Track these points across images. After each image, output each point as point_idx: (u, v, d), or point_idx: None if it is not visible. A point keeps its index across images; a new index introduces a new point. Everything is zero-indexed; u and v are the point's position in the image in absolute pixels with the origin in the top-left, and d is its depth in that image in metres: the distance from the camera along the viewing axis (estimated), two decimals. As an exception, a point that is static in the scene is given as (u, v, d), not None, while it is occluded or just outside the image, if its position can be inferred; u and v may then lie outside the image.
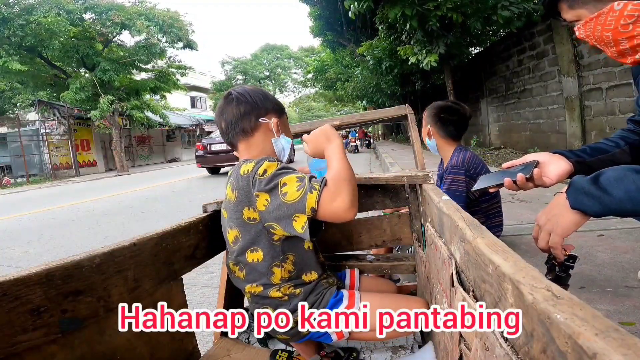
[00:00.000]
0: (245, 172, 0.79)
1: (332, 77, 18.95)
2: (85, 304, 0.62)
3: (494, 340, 0.41)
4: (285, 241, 0.83)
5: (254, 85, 1.05)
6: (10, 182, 12.69)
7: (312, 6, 15.57)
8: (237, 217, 0.82)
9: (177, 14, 14.73)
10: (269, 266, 0.83)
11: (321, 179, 0.75)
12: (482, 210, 1.58)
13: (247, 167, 0.80)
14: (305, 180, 0.74)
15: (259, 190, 0.76)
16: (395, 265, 1.16)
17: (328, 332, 0.85)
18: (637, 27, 0.88)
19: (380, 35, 8.25)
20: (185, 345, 0.88)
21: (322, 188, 0.72)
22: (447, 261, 0.63)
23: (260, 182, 0.76)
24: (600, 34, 0.93)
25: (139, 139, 20.57)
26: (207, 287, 2.07)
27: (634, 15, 0.87)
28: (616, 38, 0.91)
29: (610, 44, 0.94)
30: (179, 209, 4.98)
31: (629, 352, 0.24)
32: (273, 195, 0.74)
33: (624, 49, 0.92)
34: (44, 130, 14.74)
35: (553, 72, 5.36)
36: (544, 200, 2.78)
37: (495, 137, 7.79)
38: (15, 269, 0.95)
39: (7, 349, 0.51)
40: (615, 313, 1.12)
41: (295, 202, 0.72)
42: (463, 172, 1.50)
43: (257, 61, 34.82)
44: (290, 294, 0.85)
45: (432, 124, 1.61)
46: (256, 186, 0.76)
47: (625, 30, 0.89)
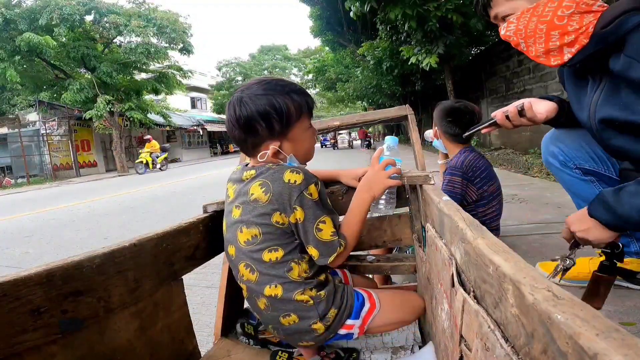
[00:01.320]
0: (292, 182, 0.77)
1: (332, 77, 18.96)
2: (86, 305, 0.62)
3: (495, 340, 0.41)
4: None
5: (260, 80, 0.93)
6: (10, 183, 12.71)
7: (313, 6, 15.59)
8: (262, 218, 0.79)
9: (176, 16, 14.75)
10: (287, 263, 0.80)
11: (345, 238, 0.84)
12: (479, 215, 1.55)
13: (294, 177, 0.77)
14: (336, 229, 0.82)
15: (301, 205, 0.77)
16: (396, 266, 1.16)
17: (352, 332, 0.86)
18: (571, 21, 0.87)
19: (381, 36, 8.25)
20: (185, 346, 0.88)
21: (344, 250, 0.83)
22: (448, 262, 0.63)
23: (307, 201, 0.77)
24: (534, 27, 0.91)
25: (139, 140, 20.58)
26: (208, 287, 2.07)
27: (571, 5, 0.85)
28: (549, 32, 0.90)
29: (539, 40, 0.92)
30: (179, 209, 4.98)
31: (629, 353, 0.24)
32: (308, 222, 0.78)
33: (552, 47, 0.91)
34: (45, 131, 14.75)
35: (553, 72, 5.36)
36: (544, 200, 2.78)
37: (495, 137, 7.79)
38: (15, 270, 0.95)
39: (8, 349, 0.52)
40: (616, 313, 1.12)
41: (324, 242, 0.80)
42: (460, 174, 1.49)
43: (256, 62, 34.86)
44: (315, 297, 0.81)
45: (438, 125, 1.61)
46: (299, 201, 0.76)
47: (561, 22, 0.88)
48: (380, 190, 0.91)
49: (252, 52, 38.32)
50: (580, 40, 0.88)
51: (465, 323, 0.53)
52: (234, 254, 0.85)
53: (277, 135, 0.82)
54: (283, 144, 0.83)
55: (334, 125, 1.28)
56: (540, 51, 0.94)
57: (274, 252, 0.80)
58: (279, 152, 0.83)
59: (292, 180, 0.76)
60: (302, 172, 0.78)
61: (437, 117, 1.61)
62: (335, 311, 0.83)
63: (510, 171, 4.84)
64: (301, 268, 0.81)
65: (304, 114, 0.85)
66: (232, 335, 1.05)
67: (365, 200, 0.90)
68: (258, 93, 0.81)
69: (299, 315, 0.81)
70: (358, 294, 0.89)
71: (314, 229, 0.79)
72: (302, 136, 0.86)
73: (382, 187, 0.91)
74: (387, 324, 0.91)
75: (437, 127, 1.62)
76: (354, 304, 0.86)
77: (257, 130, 0.81)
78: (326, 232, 0.80)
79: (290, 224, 0.79)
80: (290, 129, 0.83)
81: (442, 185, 1.52)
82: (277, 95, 0.81)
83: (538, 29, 0.91)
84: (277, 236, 0.80)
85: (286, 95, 0.82)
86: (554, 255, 1.03)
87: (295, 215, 0.77)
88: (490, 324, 0.43)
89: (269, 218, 0.78)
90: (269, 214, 0.78)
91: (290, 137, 0.84)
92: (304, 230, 0.79)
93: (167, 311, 0.82)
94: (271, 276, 0.80)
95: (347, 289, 0.89)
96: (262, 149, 0.83)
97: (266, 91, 0.81)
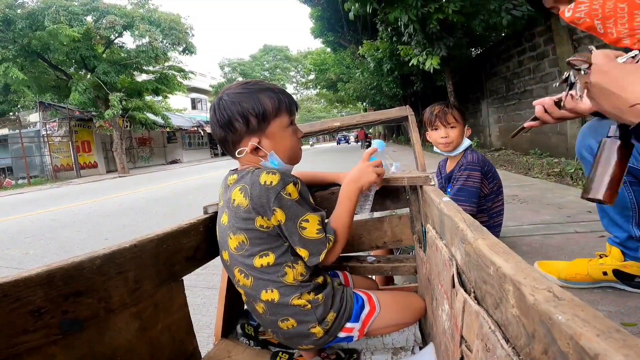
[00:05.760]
0: (268, 183, 0.75)
1: (332, 77, 18.99)
2: (86, 305, 0.62)
3: (495, 341, 0.41)
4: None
5: (244, 82, 0.97)
6: (11, 184, 12.72)
7: (313, 7, 15.61)
8: (246, 223, 0.78)
9: (178, 17, 14.79)
10: (280, 267, 0.80)
11: (333, 232, 0.83)
12: (487, 210, 1.61)
13: (269, 178, 0.76)
14: (323, 226, 0.81)
15: (280, 206, 0.75)
16: (396, 267, 1.16)
17: (352, 335, 0.86)
18: None
19: (381, 37, 8.26)
20: (185, 347, 0.88)
21: (334, 245, 0.82)
22: (448, 262, 0.63)
23: (286, 201, 0.76)
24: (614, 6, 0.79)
25: (139, 141, 20.61)
26: (208, 288, 2.07)
27: None
28: (632, 11, 0.77)
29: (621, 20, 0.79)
30: (179, 210, 4.98)
31: (630, 353, 0.24)
32: (290, 221, 0.77)
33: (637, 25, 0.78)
34: (45, 132, 14.77)
35: (553, 73, 5.36)
36: (544, 201, 2.78)
37: (495, 138, 7.79)
38: (16, 270, 0.95)
39: (8, 350, 0.52)
40: (617, 314, 1.12)
41: (311, 240, 0.79)
42: (479, 169, 1.53)
43: (257, 62, 34.93)
44: (312, 301, 0.81)
45: (463, 125, 1.62)
46: (278, 202, 0.75)
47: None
48: (367, 183, 0.92)
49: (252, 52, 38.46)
50: None
51: (466, 324, 0.53)
52: (228, 259, 0.86)
53: (255, 131, 0.82)
54: (262, 141, 0.84)
55: (334, 126, 1.28)
56: (624, 32, 0.81)
57: (265, 257, 0.79)
58: (259, 148, 0.84)
59: (269, 181, 0.76)
60: (278, 173, 0.77)
61: (463, 119, 1.62)
62: (334, 315, 0.83)
63: (511, 172, 4.83)
64: (296, 272, 0.80)
65: (283, 112, 0.85)
66: (232, 336, 1.05)
67: (352, 191, 0.90)
68: (236, 92, 0.83)
69: (297, 320, 0.81)
70: (358, 297, 0.89)
71: (297, 228, 0.78)
72: (281, 134, 0.85)
73: (368, 179, 0.92)
74: (388, 326, 0.91)
75: (467, 127, 1.64)
76: (354, 307, 0.86)
77: (235, 128, 0.82)
78: (311, 229, 0.78)
79: (275, 226, 0.78)
80: (268, 125, 0.83)
81: (459, 182, 1.53)
82: (254, 92, 0.83)
83: (618, 8, 0.79)
84: (265, 241, 0.79)
85: (264, 92, 0.83)
86: (554, 256, 1.03)
87: (276, 216, 0.76)
88: (491, 324, 0.43)
89: (252, 223, 0.78)
90: (252, 218, 0.77)
91: (269, 134, 0.84)
92: (288, 231, 0.78)
93: (168, 312, 0.82)
94: (265, 281, 0.80)
95: (347, 291, 0.88)
96: (242, 146, 0.84)
97: (244, 89, 0.84)
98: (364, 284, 1.09)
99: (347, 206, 0.88)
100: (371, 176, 0.93)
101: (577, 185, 3.44)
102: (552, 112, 0.96)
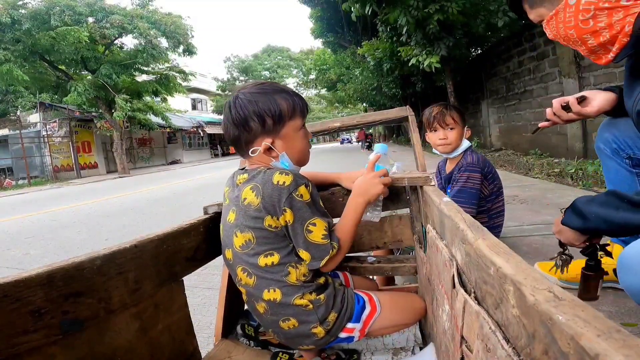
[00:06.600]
0: (281, 183, 0.76)
1: (332, 78, 19.01)
2: (86, 306, 0.62)
3: (496, 341, 0.41)
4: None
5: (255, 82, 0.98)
6: (11, 184, 12.72)
7: (313, 8, 15.62)
8: (255, 222, 0.79)
9: (179, 18, 14.79)
10: (284, 266, 0.80)
11: (338, 240, 0.83)
12: (487, 210, 1.61)
13: (283, 178, 0.77)
14: (329, 232, 0.82)
15: (290, 207, 0.76)
16: (397, 267, 1.16)
17: (353, 335, 0.86)
18: (597, 22, 0.83)
19: (381, 37, 8.26)
20: (185, 347, 0.88)
21: (337, 253, 0.82)
22: (448, 263, 0.63)
23: (296, 202, 0.77)
24: (565, 32, 0.88)
25: (140, 141, 20.62)
26: (208, 288, 2.07)
27: (589, 9, 0.82)
28: (580, 35, 0.86)
29: (578, 42, 0.89)
30: (179, 210, 4.98)
31: (630, 353, 0.24)
32: (298, 223, 0.78)
33: (593, 47, 0.87)
34: (46, 132, 14.78)
35: (553, 73, 5.36)
36: (544, 202, 2.78)
37: (496, 138, 7.79)
38: (16, 271, 0.95)
39: (8, 350, 0.52)
40: (617, 314, 1.12)
41: (315, 244, 0.79)
42: (479, 170, 1.53)
43: (258, 61, 35.04)
44: (314, 301, 0.81)
45: (462, 126, 1.62)
46: (289, 202, 0.76)
47: (587, 26, 0.84)
48: (374, 196, 0.92)
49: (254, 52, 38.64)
50: (619, 40, 0.84)
51: (466, 324, 0.53)
52: (231, 257, 0.86)
53: (270, 132, 0.83)
54: (275, 142, 0.84)
55: (334, 126, 1.28)
56: (586, 52, 0.90)
57: (270, 257, 0.80)
58: (271, 149, 0.84)
59: (281, 181, 0.77)
60: (291, 174, 0.78)
61: (463, 120, 1.62)
62: (335, 315, 0.83)
63: (511, 172, 4.83)
64: (299, 272, 0.81)
65: (297, 115, 0.86)
66: (232, 337, 1.05)
67: (359, 204, 0.90)
68: (253, 91, 0.84)
69: (299, 320, 0.81)
70: (359, 297, 0.89)
71: (304, 231, 0.78)
72: (294, 136, 0.86)
73: (375, 192, 0.92)
74: (388, 327, 0.91)
75: (467, 128, 1.63)
76: (355, 307, 0.86)
77: (250, 127, 0.82)
78: (317, 234, 0.79)
79: (282, 227, 0.79)
80: (283, 126, 0.84)
81: (459, 183, 1.53)
82: (270, 93, 0.83)
83: (569, 34, 0.88)
84: (272, 240, 0.80)
85: (279, 94, 0.84)
86: (554, 256, 1.04)
87: (285, 217, 0.77)
88: (492, 325, 0.43)
89: (261, 222, 0.78)
90: (261, 217, 0.78)
91: (283, 135, 0.84)
92: (294, 232, 0.79)
93: (168, 312, 0.82)
94: (269, 280, 0.80)
95: (348, 292, 0.88)
96: (255, 146, 0.84)
97: (260, 89, 0.84)
98: (364, 285, 1.09)
99: (353, 218, 0.89)
100: (378, 188, 0.92)
101: (577, 185, 3.44)
102: (560, 115, 1.02)
